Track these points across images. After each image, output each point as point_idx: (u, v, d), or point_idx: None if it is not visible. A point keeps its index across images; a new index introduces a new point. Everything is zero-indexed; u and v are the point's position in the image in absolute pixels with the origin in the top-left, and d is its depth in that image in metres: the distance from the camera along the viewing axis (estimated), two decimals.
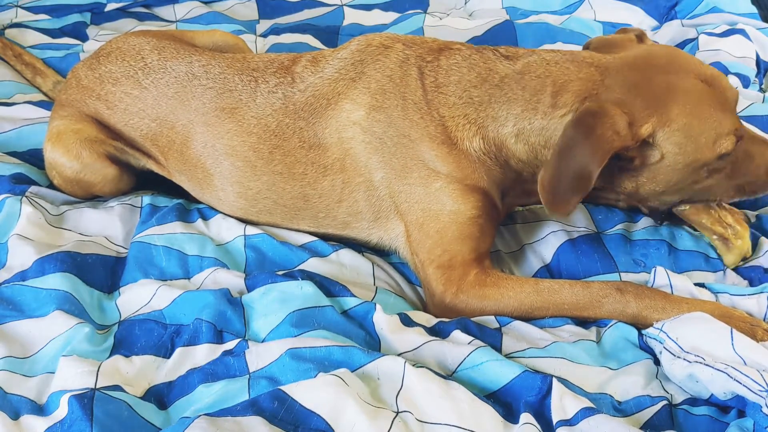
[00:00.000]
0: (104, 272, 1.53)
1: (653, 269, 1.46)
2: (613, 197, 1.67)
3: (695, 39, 2.22)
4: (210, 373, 1.28)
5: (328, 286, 1.44)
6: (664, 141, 1.34)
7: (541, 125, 1.40)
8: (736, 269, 1.53)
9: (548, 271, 1.56)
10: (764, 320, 1.37)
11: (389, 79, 1.50)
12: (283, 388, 1.19)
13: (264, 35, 2.44)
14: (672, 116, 1.33)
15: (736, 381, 1.16)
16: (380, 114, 1.49)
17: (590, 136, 1.29)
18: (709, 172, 1.40)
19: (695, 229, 1.58)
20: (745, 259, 1.53)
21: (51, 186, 1.77)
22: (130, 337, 1.37)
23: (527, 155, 1.44)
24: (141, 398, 1.25)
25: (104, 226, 1.65)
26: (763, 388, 1.14)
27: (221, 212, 1.68)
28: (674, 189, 1.42)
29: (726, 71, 2.04)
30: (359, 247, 1.61)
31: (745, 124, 1.46)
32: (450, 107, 1.46)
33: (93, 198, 1.77)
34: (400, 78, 1.50)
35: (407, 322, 1.38)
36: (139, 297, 1.46)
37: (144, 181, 1.80)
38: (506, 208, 1.58)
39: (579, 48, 1.66)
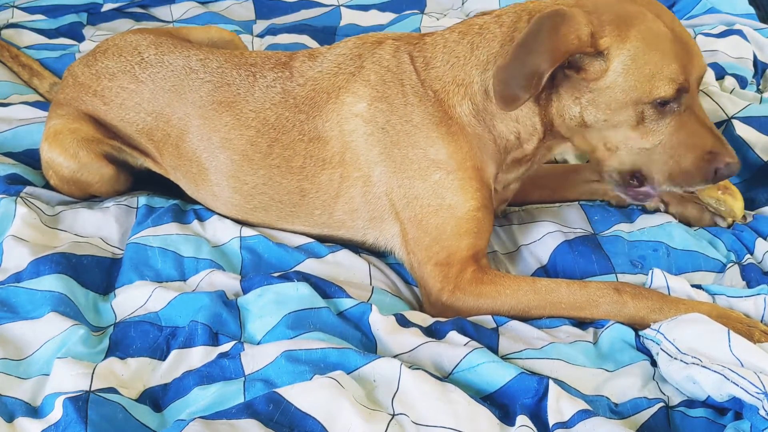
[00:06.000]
0: (100, 274, 1.53)
1: (650, 271, 1.46)
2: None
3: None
4: (205, 375, 1.28)
5: (323, 288, 1.44)
6: (614, 57, 1.35)
7: None
8: (737, 266, 1.53)
9: (545, 273, 1.56)
10: (761, 322, 1.37)
11: (387, 69, 1.53)
12: (278, 390, 1.18)
13: (261, 35, 2.44)
14: (629, 35, 1.35)
15: (733, 383, 1.16)
16: (382, 103, 1.50)
17: (553, 33, 1.32)
18: (643, 118, 1.37)
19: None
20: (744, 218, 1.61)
21: (46, 186, 1.76)
22: (125, 339, 1.37)
23: None
24: (136, 401, 1.25)
25: (99, 227, 1.64)
26: (760, 390, 1.13)
27: (215, 210, 1.68)
28: (613, 122, 1.39)
29: (723, 72, 2.04)
30: (356, 248, 1.61)
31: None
32: (441, 79, 1.49)
33: (90, 198, 1.77)
34: (396, 66, 1.53)
35: (403, 322, 1.38)
36: (135, 299, 1.46)
37: (141, 182, 1.80)
38: (500, 193, 1.57)
39: None
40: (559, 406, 1.18)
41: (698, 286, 1.45)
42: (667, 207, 1.66)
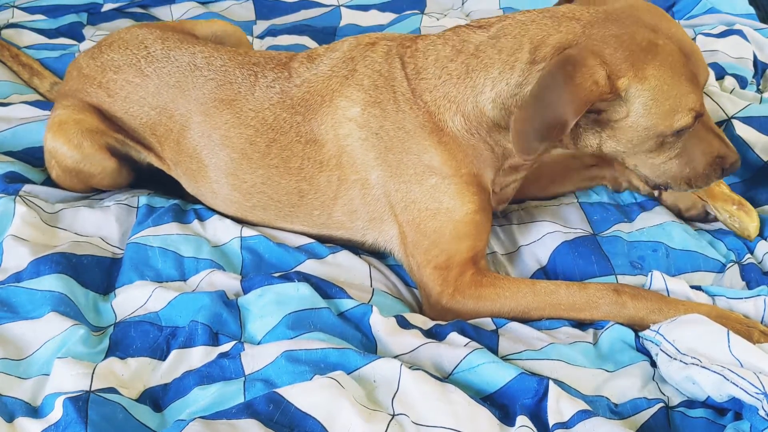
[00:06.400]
0: (100, 273, 1.53)
1: (650, 273, 1.46)
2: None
3: (693, 39, 2.22)
4: (205, 375, 1.28)
5: (324, 288, 1.44)
6: (633, 98, 1.32)
7: (518, 82, 1.37)
8: (737, 266, 1.53)
9: (544, 273, 1.56)
10: (761, 323, 1.37)
11: (379, 73, 1.51)
12: (278, 390, 1.18)
13: (261, 36, 2.44)
14: (647, 74, 1.31)
15: (733, 383, 1.16)
16: (375, 109, 1.49)
17: (569, 83, 1.27)
18: (662, 144, 1.39)
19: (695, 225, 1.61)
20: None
21: (46, 183, 1.76)
22: (125, 339, 1.37)
23: (505, 121, 1.42)
24: (136, 401, 1.25)
25: (100, 227, 1.64)
26: (760, 390, 1.13)
27: (215, 208, 1.68)
28: (633, 152, 1.41)
29: (723, 72, 2.04)
30: (356, 249, 1.61)
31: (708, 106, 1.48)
32: (431, 91, 1.46)
33: (90, 191, 1.77)
34: (388, 71, 1.51)
35: (403, 324, 1.38)
36: (135, 299, 1.46)
37: (142, 181, 1.80)
38: (499, 194, 1.57)
39: None
40: (559, 407, 1.18)
41: (698, 288, 1.45)
42: (660, 195, 1.66)
